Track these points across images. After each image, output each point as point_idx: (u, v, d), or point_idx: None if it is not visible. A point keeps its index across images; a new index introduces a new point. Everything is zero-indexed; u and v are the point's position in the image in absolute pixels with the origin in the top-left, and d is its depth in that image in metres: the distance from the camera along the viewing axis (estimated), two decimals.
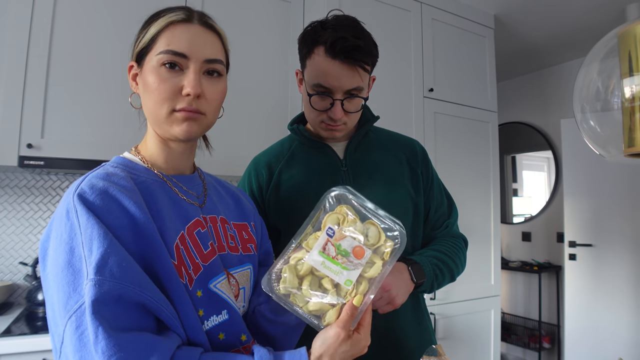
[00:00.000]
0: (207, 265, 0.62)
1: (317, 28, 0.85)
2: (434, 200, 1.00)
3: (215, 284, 0.62)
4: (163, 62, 0.61)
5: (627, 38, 0.74)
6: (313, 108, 0.86)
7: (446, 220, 1.02)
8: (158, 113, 0.62)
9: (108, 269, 0.48)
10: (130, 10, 1.55)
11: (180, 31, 0.62)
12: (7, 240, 1.62)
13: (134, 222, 0.54)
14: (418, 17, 2.17)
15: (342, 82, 0.83)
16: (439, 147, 2.15)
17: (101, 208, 0.53)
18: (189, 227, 0.63)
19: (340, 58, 0.81)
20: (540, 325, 3.16)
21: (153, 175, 0.64)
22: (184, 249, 0.60)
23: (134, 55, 0.66)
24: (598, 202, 2.81)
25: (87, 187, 0.54)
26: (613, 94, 0.78)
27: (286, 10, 1.86)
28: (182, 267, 0.58)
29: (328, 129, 0.89)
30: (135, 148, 0.69)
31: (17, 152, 1.37)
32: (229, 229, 0.72)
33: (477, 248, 2.25)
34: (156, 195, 0.61)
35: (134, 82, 0.67)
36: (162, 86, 0.61)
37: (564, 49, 3.06)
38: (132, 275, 0.50)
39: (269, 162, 0.96)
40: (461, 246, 1.00)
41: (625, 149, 0.76)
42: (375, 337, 0.86)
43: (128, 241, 0.53)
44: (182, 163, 0.70)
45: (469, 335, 2.19)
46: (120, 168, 0.62)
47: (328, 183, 0.90)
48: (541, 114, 3.49)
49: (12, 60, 1.38)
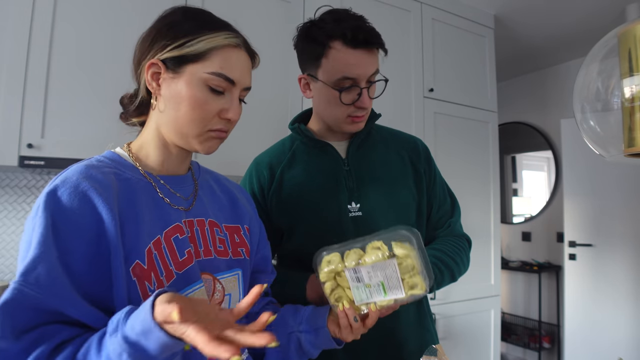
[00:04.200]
0: (181, 274, 0.60)
1: (322, 25, 0.84)
2: (437, 198, 0.99)
3: (189, 292, 0.60)
4: (212, 84, 0.61)
5: (627, 38, 0.74)
6: (342, 103, 0.85)
7: (449, 219, 1.00)
8: (188, 128, 0.62)
9: (34, 275, 0.48)
10: (130, 10, 1.55)
11: (234, 57, 0.63)
12: (7, 240, 1.62)
13: (98, 220, 0.53)
14: (418, 17, 2.17)
15: (367, 69, 0.83)
16: (439, 147, 2.15)
17: (66, 205, 0.52)
18: (167, 232, 0.61)
19: (362, 46, 0.82)
20: (540, 325, 3.16)
21: (138, 174, 0.63)
22: (157, 254, 0.58)
23: (164, 56, 0.61)
24: (598, 202, 2.80)
25: (60, 182, 0.54)
26: (613, 94, 0.78)
27: (286, 10, 1.86)
28: (152, 272, 0.57)
29: (354, 122, 0.88)
30: (128, 145, 0.68)
31: (17, 152, 1.37)
32: (218, 232, 0.70)
33: (477, 248, 2.25)
34: (137, 195, 0.60)
35: (154, 82, 0.63)
36: (206, 107, 0.61)
37: (564, 49, 3.06)
38: (59, 287, 0.49)
39: (270, 162, 0.95)
40: (464, 246, 0.98)
41: (625, 149, 0.76)
42: (378, 337, 0.87)
43: (83, 240, 0.52)
44: (178, 165, 0.69)
45: (469, 335, 2.19)
46: (106, 162, 0.62)
47: (330, 182, 0.90)
48: (541, 114, 3.49)
49: (12, 60, 1.38)
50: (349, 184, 0.90)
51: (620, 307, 2.64)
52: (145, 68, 0.62)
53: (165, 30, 0.62)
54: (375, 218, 0.89)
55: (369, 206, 0.89)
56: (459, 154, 2.25)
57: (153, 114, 0.66)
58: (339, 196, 0.89)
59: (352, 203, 0.89)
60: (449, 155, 2.19)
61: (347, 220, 0.88)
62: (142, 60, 0.63)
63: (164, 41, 0.61)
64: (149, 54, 0.62)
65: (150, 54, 0.62)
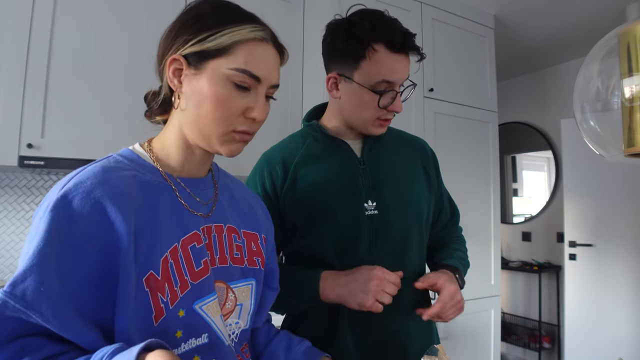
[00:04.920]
0: (196, 284, 0.57)
1: (362, 25, 0.83)
2: (442, 200, 1.03)
3: (202, 305, 0.58)
4: (236, 81, 0.57)
5: (627, 38, 0.74)
6: (379, 106, 0.85)
7: (452, 219, 1.06)
8: (211, 127, 0.58)
9: (22, 288, 0.46)
10: (130, 10, 1.55)
11: (260, 52, 0.59)
12: (7, 240, 1.62)
13: (109, 231, 0.51)
14: (418, 17, 2.17)
15: (404, 74, 0.86)
16: (439, 147, 2.15)
17: (76, 211, 0.50)
18: (185, 240, 0.58)
19: (403, 50, 0.83)
20: (540, 325, 3.16)
21: (159, 176, 0.60)
22: (173, 263, 0.55)
23: (185, 51, 0.58)
24: (598, 202, 2.80)
25: (73, 185, 0.51)
26: (613, 94, 0.78)
27: (286, 10, 1.86)
28: (167, 282, 0.54)
29: (382, 125, 0.89)
30: (149, 142, 0.64)
31: (17, 152, 1.37)
32: (236, 238, 0.67)
33: (477, 248, 2.25)
34: (156, 199, 0.57)
35: (176, 78, 0.59)
36: (229, 105, 0.57)
37: (564, 49, 3.06)
38: (47, 303, 0.46)
39: (283, 158, 0.93)
40: (465, 240, 1.07)
41: (625, 149, 0.76)
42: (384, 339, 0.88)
43: (89, 251, 0.49)
44: (199, 167, 0.66)
45: (469, 336, 2.19)
46: (124, 163, 0.58)
47: (347, 180, 0.90)
48: (541, 114, 3.49)
49: (12, 61, 1.38)
50: (366, 183, 0.90)
51: (621, 307, 2.64)
52: (167, 64, 0.59)
53: (188, 24, 0.58)
54: (391, 217, 0.89)
55: (385, 205, 0.89)
56: (459, 153, 2.25)
57: (175, 113, 0.62)
58: (355, 194, 0.89)
59: (369, 201, 0.88)
60: (449, 154, 2.19)
61: (363, 219, 0.87)
62: (165, 55, 0.60)
63: (185, 35, 0.58)
64: (172, 49, 0.59)
65: (172, 49, 0.59)
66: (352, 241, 0.87)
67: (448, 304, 0.82)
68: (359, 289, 0.79)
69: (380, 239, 0.88)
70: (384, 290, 0.79)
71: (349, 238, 0.87)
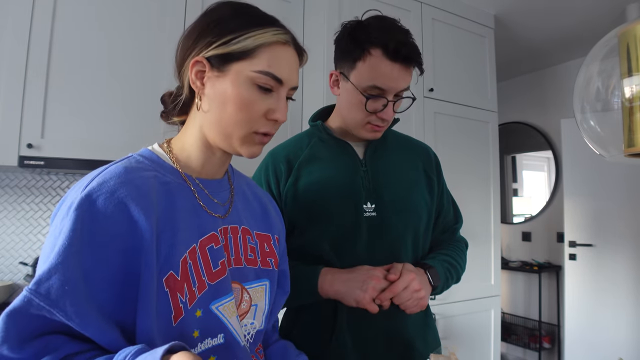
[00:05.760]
0: (213, 285, 0.58)
1: (368, 29, 0.83)
2: (444, 207, 1.03)
3: (218, 305, 0.59)
4: (259, 83, 0.58)
5: (627, 38, 0.74)
6: (366, 110, 0.85)
7: (453, 226, 1.05)
8: (233, 129, 0.59)
9: (46, 286, 0.46)
10: (130, 10, 1.55)
11: (283, 55, 0.60)
12: (7, 240, 1.62)
13: (133, 231, 0.51)
14: (418, 17, 2.17)
15: (398, 84, 0.84)
16: (439, 147, 2.15)
17: (100, 210, 0.50)
18: (203, 241, 0.59)
19: (400, 61, 0.82)
20: (540, 325, 3.16)
21: (178, 177, 0.60)
22: (192, 264, 0.56)
23: (209, 54, 0.58)
24: (598, 202, 2.81)
25: (97, 185, 0.51)
26: (613, 94, 0.78)
27: (286, 10, 1.86)
28: (185, 283, 0.55)
29: (373, 130, 0.89)
30: (168, 143, 0.64)
31: (17, 152, 1.37)
32: (249, 240, 0.68)
33: (477, 248, 2.25)
34: (175, 200, 0.57)
35: (198, 80, 0.60)
36: (253, 107, 0.59)
37: (564, 49, 3.06)
38: (71, 301, 0.46)
39: (287, 156, 0.94)
40: (463, 249, 1.04)
41: (625, 149, 0.76)
42: (386, 337, 0.88)
43: (113, 250, 0.50)
44: (218, 168, 0.67)
45: (469, 335, 2.19)
46: (145, 163, 0.59)
47: (348, 181, 0.91)
48: (541, 113, 3.49)
49: (12, 60, 1.38)
50: (366, 184, 0.91)
51: (621, 307, 2.64)
52: (189, 66, 0.59)
53: (210, 27, 0.59)
54: (389, 219, 0.90)
55: (383, 207, 0.90)
56: (458, 153, 2.25)
57: (197, 114, 0.62)
58: (355, 196, 0.90)
59: (368, 203, 0.89)
60: (449, 155, 2.19)
61: (361, 220, 0.88)
62: (186, 57, 0.60)
63: (209, 38, 0.58)
64: (194, 52, 0.59)
65: (194, 52, 0.59)
66: (350, 241, 0.88)
67: (400, 287, 0.80)
68: (357, 286, 0.80)
69: (378, 240, 0.89)
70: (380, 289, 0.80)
71: (347, 238, 0.88)
